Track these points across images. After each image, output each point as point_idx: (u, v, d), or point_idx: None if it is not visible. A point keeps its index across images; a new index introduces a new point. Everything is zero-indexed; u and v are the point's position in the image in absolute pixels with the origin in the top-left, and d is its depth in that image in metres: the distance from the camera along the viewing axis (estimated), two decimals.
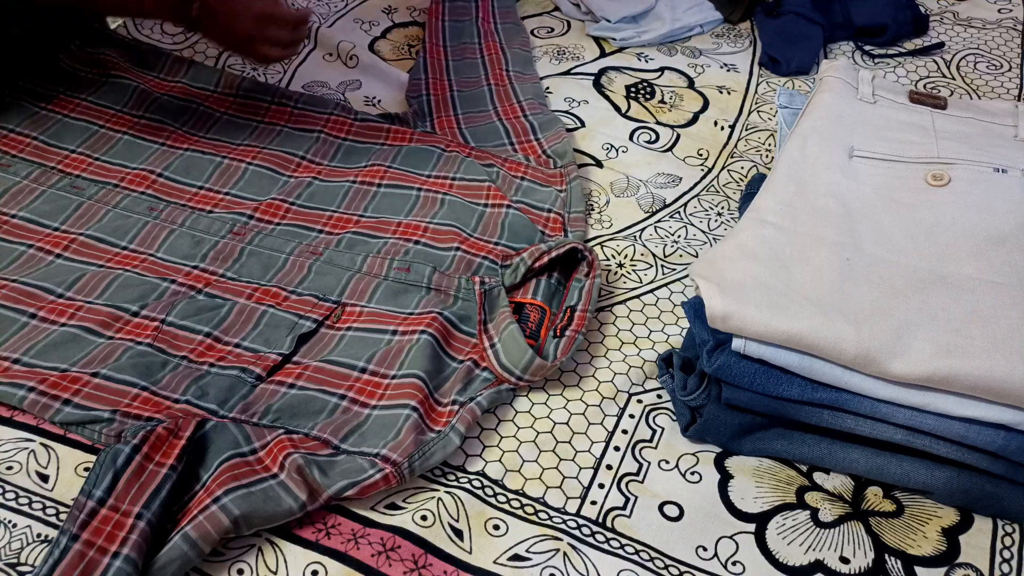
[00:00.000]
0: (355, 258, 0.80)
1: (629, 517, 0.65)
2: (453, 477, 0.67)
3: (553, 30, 1.15)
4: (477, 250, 0.81)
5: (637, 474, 0.67)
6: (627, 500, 0.66)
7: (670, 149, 0.97)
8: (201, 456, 0.64)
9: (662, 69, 1.08)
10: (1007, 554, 0.63)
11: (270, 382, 0.70)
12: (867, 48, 1.10)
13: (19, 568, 0.60)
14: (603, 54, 1.11)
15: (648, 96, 1.04)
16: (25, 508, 0.64)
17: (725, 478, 0.67)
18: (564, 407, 0.71)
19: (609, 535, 0.64)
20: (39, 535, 0.62)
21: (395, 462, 0.63)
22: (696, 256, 0.84)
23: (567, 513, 0.65)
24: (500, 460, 0.68)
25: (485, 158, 0.92)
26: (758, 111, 1.02)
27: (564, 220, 0.85)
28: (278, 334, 0.74)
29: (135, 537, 0.57)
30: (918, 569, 0.62)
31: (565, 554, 0.62)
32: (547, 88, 1.05)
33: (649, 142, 0.98)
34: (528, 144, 0.94)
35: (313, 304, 0.76)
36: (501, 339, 0.71)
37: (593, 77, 1.07)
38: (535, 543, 0.63)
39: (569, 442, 0.69)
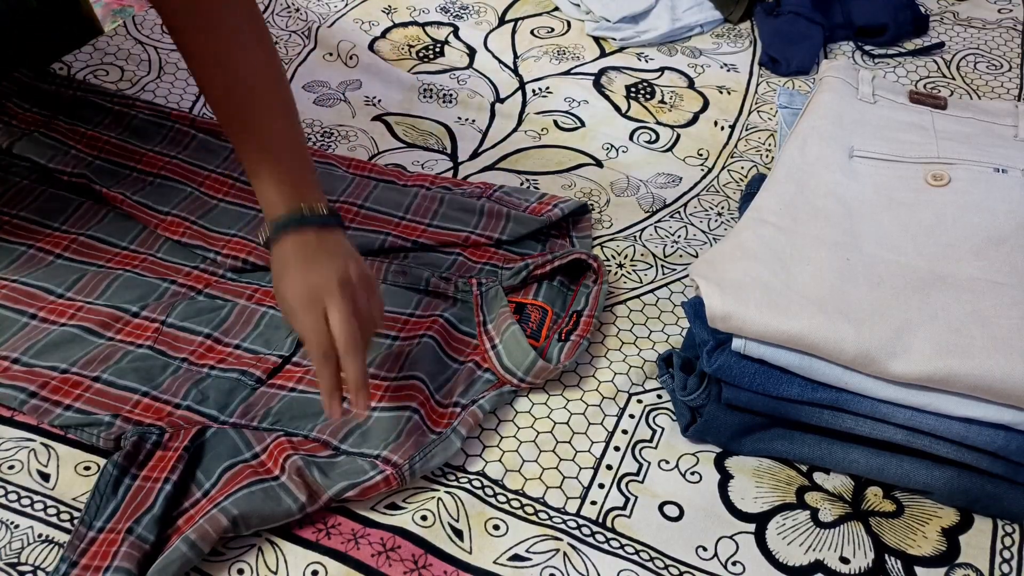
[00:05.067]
0: None
1: (629, 517, 0.65)
2: (453, 477, 0.67)
3: (553, 30, 1.15)
4: (479, 257, 0.81)
5: (637, 474, 0.67)
6: (627, 500, 0.66)
7: (670, 149, 0.97)
8: (203, 463, 0.64)
9: (662, 69, 1.08)
10: (1007, 554, 0.63)
11: (270, 385, 0.70)
12: (867, 48, 1.10)
13: (19, 568, 0.60)
14: (603, 54, 1.11)
15: (648, 96, 1.04)
16: (28, 509, 0.64)
17: (725, 478, 0.67)
18: (564, 407, 0.71)
19: (609, 535, 0.64)
20: (40, 535, 0.62)
21: (396, 464, 0.63)
22: (696, 256, 0.84)
23: (567, 513, 0.65)
24: (500, 460, 0.68)
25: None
26: (758, 111, 1.02)
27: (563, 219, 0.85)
28: (278, 335, 0.74)
29: (125, 549, 0.58)
30: (918, 569, 0.62)
31: (565, 554, 0.62)
32: (547, 88, 1.05)
33: (649, 142, 0.98)
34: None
35: None
36: (503, 340, 0.71)
37: (593, 77, 1.07)
38: (535, 543, 0.63)
39: (569, 442, 0.69)
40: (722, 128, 1.00)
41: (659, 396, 0.72)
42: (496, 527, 0.64)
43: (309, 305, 0.60)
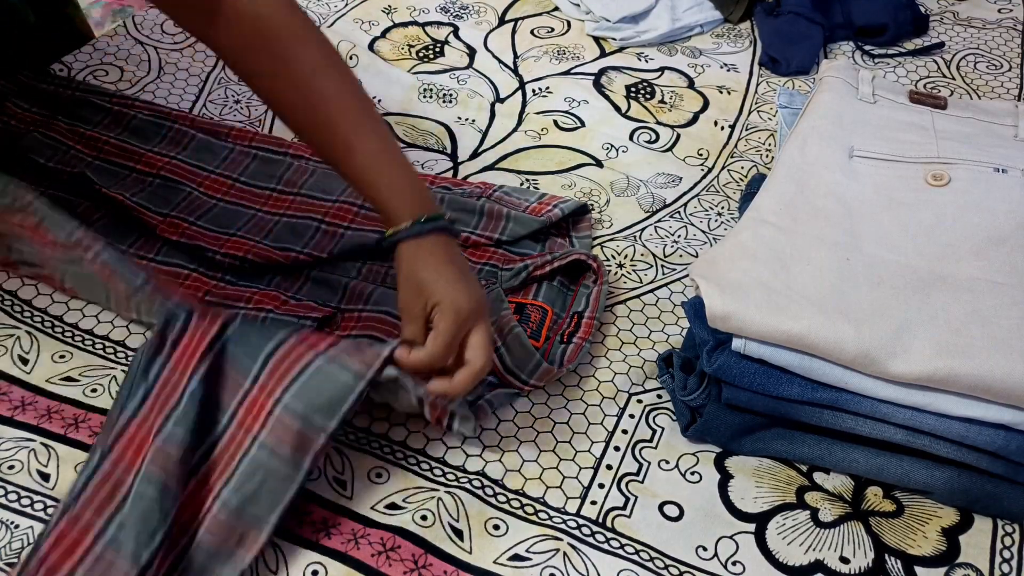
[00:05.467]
0: (351, 266, 0.80)
1: (629, 517, 0.65)
2: (453, 477, 0.67)
3: (553, 30, 1.15)
4: (478, 257, 0.81)
5: (637, 474, 0.67)
6: (627, 500, 0.66)
7: (670, 149, 0.97)
8: (244, 347, 0.61)
9: (662, 69, 1.08)
10: (1007, 554, 0.63)
11: None
12: (867, 48, 1.10)
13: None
14: (603, 54, 1.11)
15: (648, 96, 1.04)
16: (28, 509, 0.64)
17: (725, 478, 0.67)
18: (564, 407, 0.71)
19: (609, 535, 0.64)
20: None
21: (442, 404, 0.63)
22: (696, 256, 0.84)
23: (567, 513, 0.65)
24: (500, 460, 0.68)
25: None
26: (758, 111, 1.02)
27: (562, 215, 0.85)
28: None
29: (153, 453, 0.57)
30: (918, 569, 0.62)
31: (565, 554, 0.62)
32: (547, 88, 1.05)
33: (649, 142, 0.98)
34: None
35: (312, 307, 0.76)
36: (506, 343, 0.71)
37: (593, 77, 1.07)
38: (535, 543, 0.63)
39: (569, 442, 0.69)
40: (722, 128, 1.00)
41: (659, 396, 0.72)
42: (496, 527, 0.64)
43: (464, 324, 0.61)
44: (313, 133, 0.68)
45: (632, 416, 0.71)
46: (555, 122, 1.00)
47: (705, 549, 0.63)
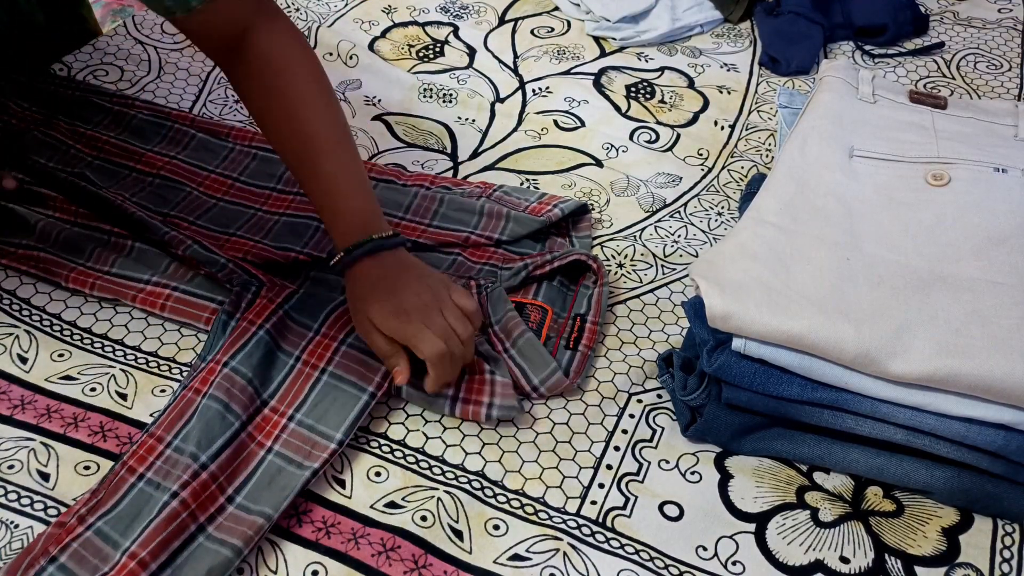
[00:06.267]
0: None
1: (629, 517, 0.65)
2: (452, 475, 0.67)
3: (553, 30, 1.15)
4: (478, 257, 0.81)
5: (637, 474, 0.67)
6: (627, 500, 0.66)
7: (670, 149, 0.97)
8: (309, 308, 0.74)
9: (662, 69, 1.08)
10: (1007, 554, 0.63)
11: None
12: (867, 48, 1.10)
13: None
14: (603, 54, 1.11)
15: (648, 96, 1.04)
16: (27, 509, 0.64)
17: (725, 478, 0.67)
18: (564, 407, 0.71)
19: (609, 535, 0.64)
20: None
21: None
22: (696, 256, 0.84)
23: (567, 513, 0.65)
24: (500, 460, 0.68)
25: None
26: (758, 111, 1.02)
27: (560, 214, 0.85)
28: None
29: (219, 380, 0.67)
30: (918, 569, 0.62)
31: (565, 554, 0.62)
32: (547, 88, 1.05)
33: (649, 142, 0.98)
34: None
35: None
36: (518, 348, 0.71)
37: (593, 77, 1.07)
38: (535, 543, 0.63)
39: (569, 442, 0.69)
40: (722, 128, 1.00)
41: (659, 396, 0.72)
42: (496, 527, 0.64)
43: (426, 330, 0.66)
44: (289, 155, 0.74)
45: (632, 416, 0.71)
46: (555, 122, 1.00)
47: (705, 549, 0.63)
